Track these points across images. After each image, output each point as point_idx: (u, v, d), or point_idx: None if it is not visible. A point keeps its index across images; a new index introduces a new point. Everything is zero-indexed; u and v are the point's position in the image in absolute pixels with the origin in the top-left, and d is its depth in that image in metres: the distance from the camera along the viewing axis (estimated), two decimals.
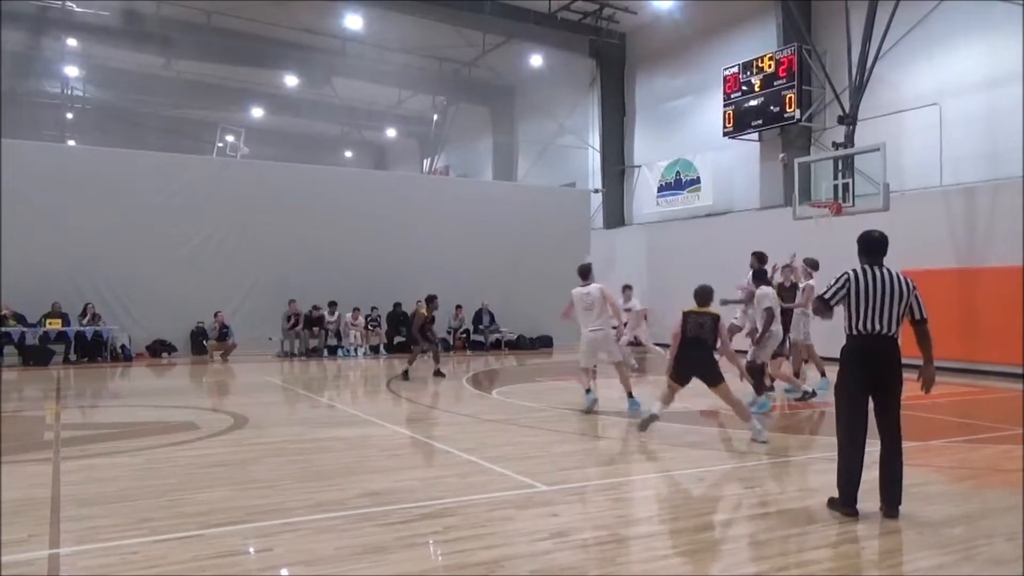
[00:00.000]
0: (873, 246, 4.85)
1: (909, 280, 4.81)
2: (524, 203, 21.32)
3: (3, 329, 14.88)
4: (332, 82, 26.02)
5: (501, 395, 11.20)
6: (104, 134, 27.40)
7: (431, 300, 12.81)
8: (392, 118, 30.70)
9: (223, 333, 16.82)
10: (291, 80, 26.80)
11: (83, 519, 4.67)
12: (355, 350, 17.85)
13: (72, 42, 23.24)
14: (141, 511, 4.83)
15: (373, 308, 18.34)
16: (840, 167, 14.44)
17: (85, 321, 15.81)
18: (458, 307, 19.13)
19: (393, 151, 36.33)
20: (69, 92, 26.97)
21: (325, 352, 17.62)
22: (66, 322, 15.56)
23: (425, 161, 30.19)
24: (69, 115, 28.00)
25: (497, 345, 19.48)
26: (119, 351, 15.98)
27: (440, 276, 17.71)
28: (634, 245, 22.32)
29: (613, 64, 23.63)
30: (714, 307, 7.61)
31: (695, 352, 7.32)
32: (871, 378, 4.69)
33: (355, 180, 21.16)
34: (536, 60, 24.18)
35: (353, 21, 22.07)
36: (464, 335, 19.57)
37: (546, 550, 4.14)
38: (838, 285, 4.76)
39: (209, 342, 16.75)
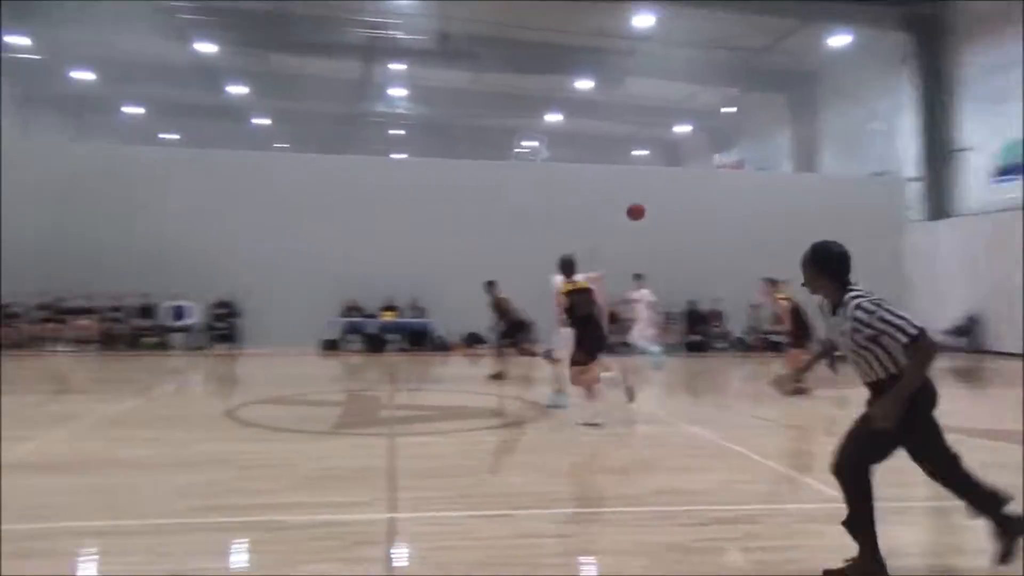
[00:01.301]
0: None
1: None
2: (828, 196, 19.87)
3: (349, 319, 17.37)
4: (624, 82, 26.45)
5: (808, 400, 10.61)
6: (423, 147, 30.63)
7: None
8: (683, 113, 30.43)
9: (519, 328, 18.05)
10: (584, 83, 27.73)
11: (415, 489, 5.29)
12: (651, 347, 18.04)
13: (396, 66, 26.29)
14: (460, 487, 5.36)
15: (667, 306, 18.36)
16: None
17: (412, 314, 17.92)
18: (753, 307, 18.42)
19: (684, 147, 35.98)
20: (394, 111, 30.58)
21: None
22: (400, 314, 17.76)
23: (717, 156, 29.47)
24: (395, 131, 31.78)
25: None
26: (439, 341, 17.81)
27: (735, 274, 17.19)
28: (960, 238, 19.76)
29: (931, 35, 21.07)
30: None
31: None
32: None
33: (648, 178, 21.29)
34: (837, 41, 22.46)
35: (642, 20, 22.28)
36: (765, 335, 18.83)
37: None
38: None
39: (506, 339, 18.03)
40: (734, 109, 27.80)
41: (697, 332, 18.80)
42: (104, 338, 16.43)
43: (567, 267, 8.34)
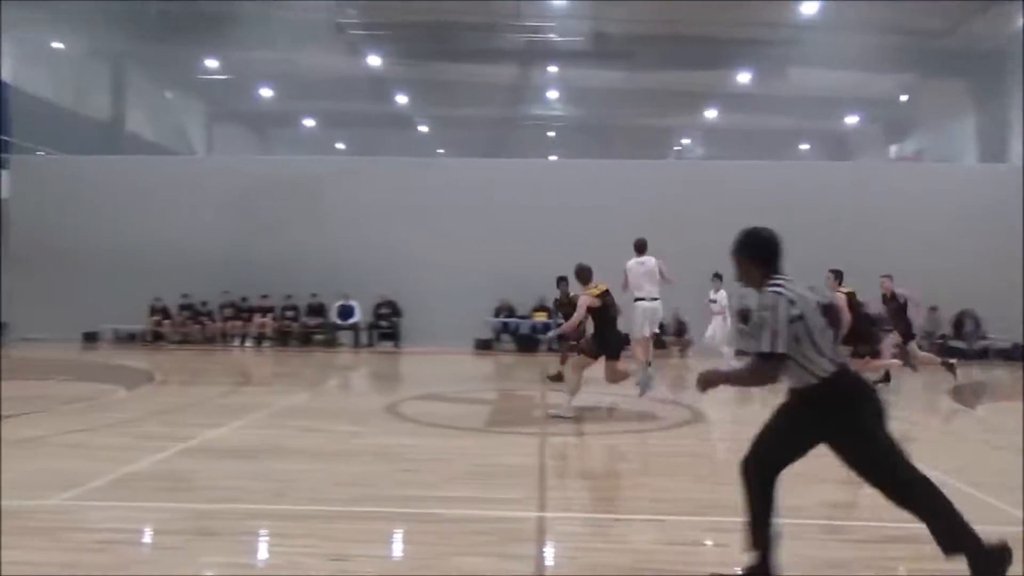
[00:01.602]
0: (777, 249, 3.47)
1: None
2: (1021, 188, 18.01)
3: (502, 319, 17.70)
4: (787, 73, 25.22)
5: (988, 411, 9.68)
6: (578, 148, 30.69)
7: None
8: (853, 104, 28.58)
9: (680, 329, 17.57)
10: (744, 77, 26.69)
11: (565, 489, 5.30)
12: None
13: (552, 68, 26.50)
14: (609, 489, 5.31)
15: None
16: None
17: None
18: (932, 309, 16.99)
19: (854, 139, 33.79)
20: (550, 113, 30.87)
21: None
22: (551, 315, 17.87)
23: (893, 147, 27.45)
24: (550, 133, 32.07)
25: (983, 354, 16.89)
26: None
27: (911, 273, 15.92)
28: None
29: None
30: None
31: None
32: None
33: (813, 173, 20.21)
34: None
35: (809, 7, 21.14)
36: (941, 340, 17.33)
37: None
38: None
39: (668, 337, 17.63)
40: (908, 97, 25.80)
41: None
42: (279, 335, 17.71)
43: (584, 275, 8.85)
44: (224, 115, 31.45)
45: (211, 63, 25.68)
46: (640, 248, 10.42)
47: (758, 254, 3.44)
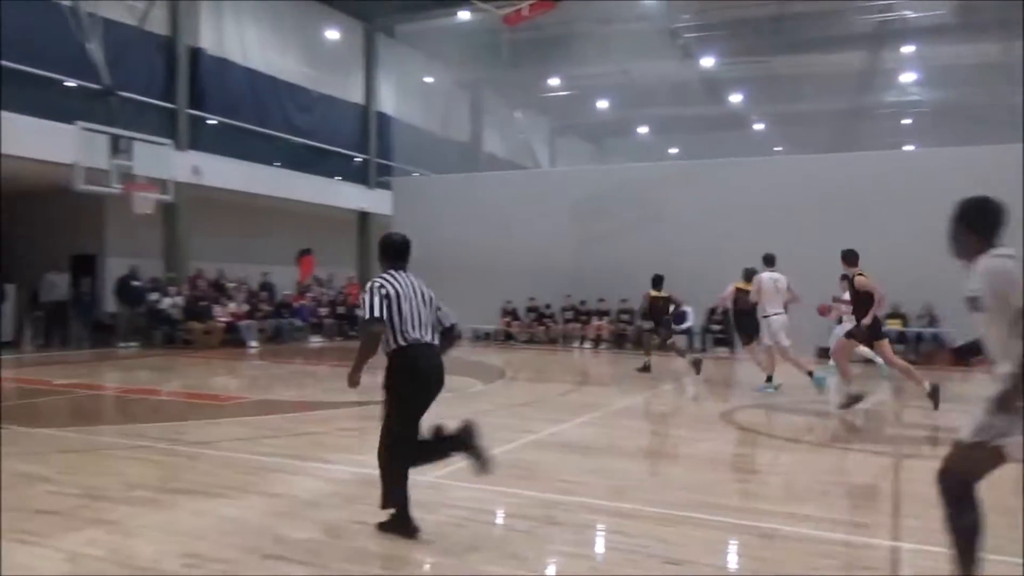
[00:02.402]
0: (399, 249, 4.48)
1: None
2: None
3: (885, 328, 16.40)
4: None
5: None
6: (942, 134, 27.17)
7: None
8: None
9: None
10: None
11: (923, 518, 4.75)
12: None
13: (907, 48, 23.83)
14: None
15: None
16: None
17: (924, 323, 16.08)
18: None
19: None
20: (905, 99, 27.74)
21: None
22: (905, 323, 16.12)
23: None
24: (906, 121, 28.82)
25: None
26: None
27: None
28: None
29: None
30: None
31: None
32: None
33: None
34: None
35: None
36: None
37: None
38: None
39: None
40: None
41: None
42: (615, 337, 18.33)
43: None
44: (565, 129, 33.47)
45: (553, 81, 27.52)
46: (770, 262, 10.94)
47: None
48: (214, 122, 19.30)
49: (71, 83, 15.76)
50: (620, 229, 18.14)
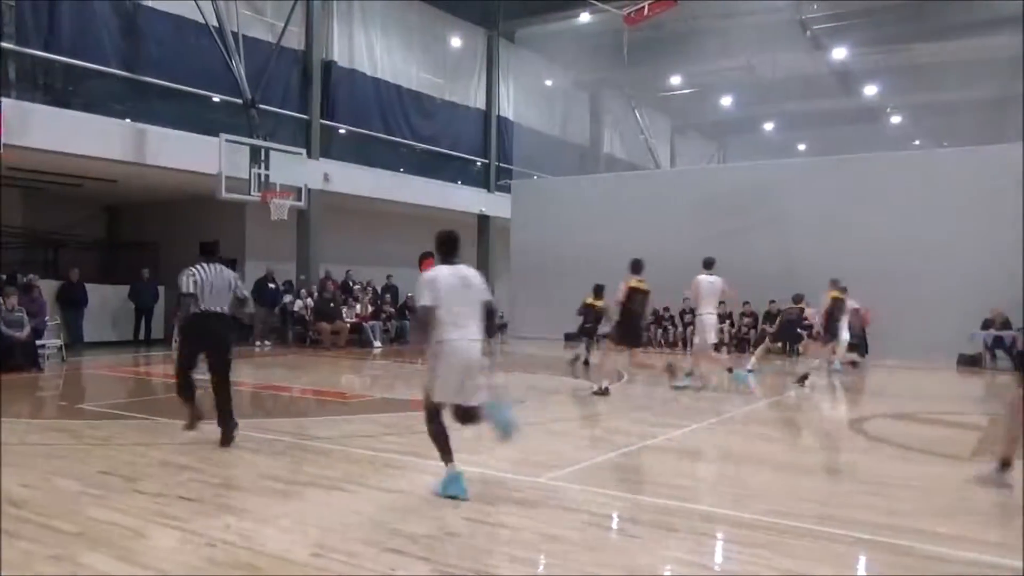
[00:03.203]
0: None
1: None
2: None
3: (993, 332, 15.20)
4: None
5: None
6: None
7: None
8: None
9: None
10: None
11: None
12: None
13: None
14: None
15: None
16: None
17: None
18: None
19: None
20: None
21: None
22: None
23: None
24: None
25: None
26: None
27: None
28: None
29: None
30: None
31: None
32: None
33: None
34: None
35: None
36: None
37: None
38: None
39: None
40: None
41: None
42: (737, 341, 17.81)
43: (636, 267, 10.02)
44: (686, 128, 32.80)
45: (674, 79, 27.03)
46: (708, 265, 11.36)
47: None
48: (343, 131, 20.21)
49: (216, 98, 16.94)
50: (742, 229, 17.59)
